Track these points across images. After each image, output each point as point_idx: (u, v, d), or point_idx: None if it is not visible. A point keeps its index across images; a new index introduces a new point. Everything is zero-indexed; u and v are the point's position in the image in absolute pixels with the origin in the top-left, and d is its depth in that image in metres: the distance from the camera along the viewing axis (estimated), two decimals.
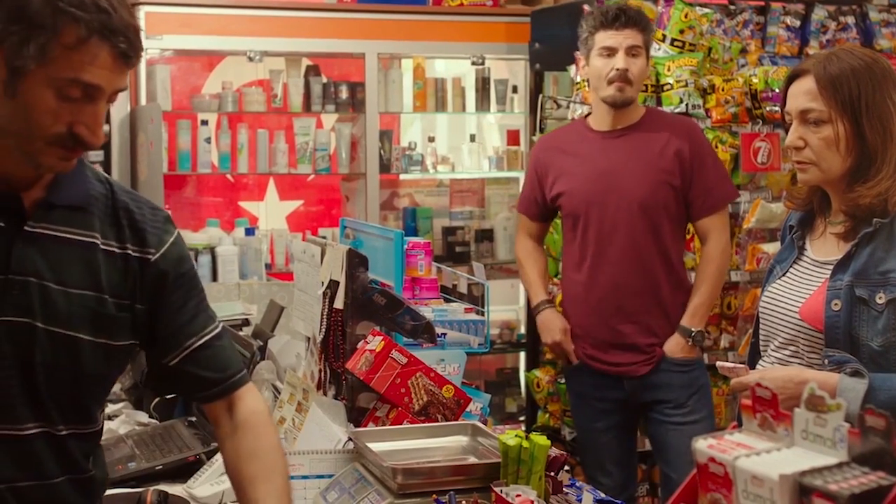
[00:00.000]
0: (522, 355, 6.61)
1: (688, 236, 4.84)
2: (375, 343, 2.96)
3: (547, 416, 5.55)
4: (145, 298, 2.26)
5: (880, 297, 2.68)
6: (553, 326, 4.60)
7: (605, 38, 4.39)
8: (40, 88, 1.98)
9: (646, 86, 5.00)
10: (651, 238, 4.41)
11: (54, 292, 2.13)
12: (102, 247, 2.20)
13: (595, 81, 4.46)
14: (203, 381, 2.36)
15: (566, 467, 2.61)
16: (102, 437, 2.37)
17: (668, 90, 5.02)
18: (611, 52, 4.37)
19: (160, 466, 3.12)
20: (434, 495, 2.44)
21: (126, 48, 2.01)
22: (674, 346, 4.42)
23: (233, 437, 2.36)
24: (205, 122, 6.31)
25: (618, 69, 4.34)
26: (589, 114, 4.67)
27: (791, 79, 2.87)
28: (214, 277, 5.95)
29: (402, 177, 6.82)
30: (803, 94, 2.80)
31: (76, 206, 2.18)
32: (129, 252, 2.23)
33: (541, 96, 5.81)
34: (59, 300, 2.14)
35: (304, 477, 2.75)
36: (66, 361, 2.16)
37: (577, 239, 4.52)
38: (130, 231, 2.24)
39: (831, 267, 2.79)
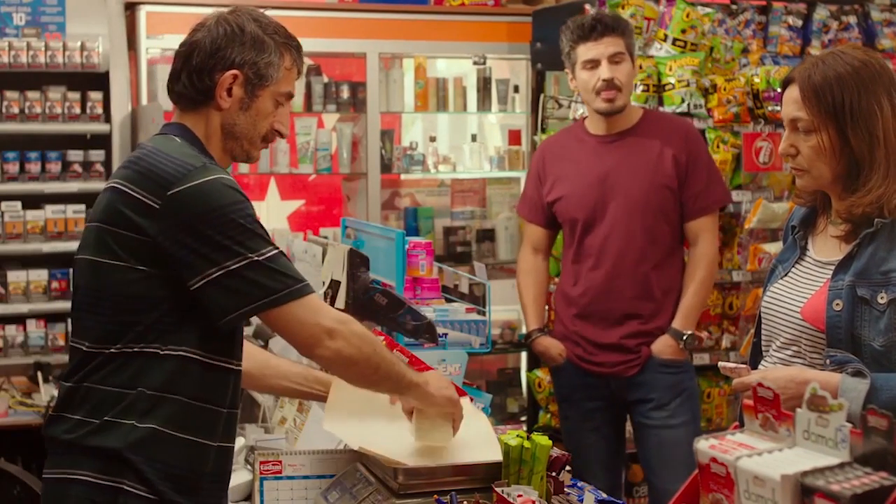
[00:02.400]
0: (524, 355, 6.59)
1: None
2: None
3: (548, 416, 5.54)
4: None
5: (882, 297, 2.67)
6: (552, 353, 4.65)
7: (585, 51, 4.41)
8: (266, 101, 2.67)
9: (647, 85, 5.00)
10: (647, 242, 4.43)
11: None
12: None
13: (584, 94, 4.49)
14: None
15: (567, 467, 2.61)
16: None
17: (669, 90, 5.01)
18: (594, 64, 4.39)
19: None
20: (435, 495, 2.43)
21: (302, 64, 2.79)
22: (663, 346, 4.44)
23: None
24: None
25: (604, 80, 4.36)
26: (587, 116, 4.68)
27: (784, 84, 2.87)
28: None
29: (403, 177, 6.82)
30: (792, 102, 2.81)
31: None
32: None
33: (542, 96, 5.81)
34: None
35: (306, 477, 2.75)
36: None
37: (573, 244, 4.56)
38: None
39: (833, 267, 2.79)
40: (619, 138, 4.49)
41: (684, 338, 4.42)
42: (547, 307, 4.99)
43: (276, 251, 2.50)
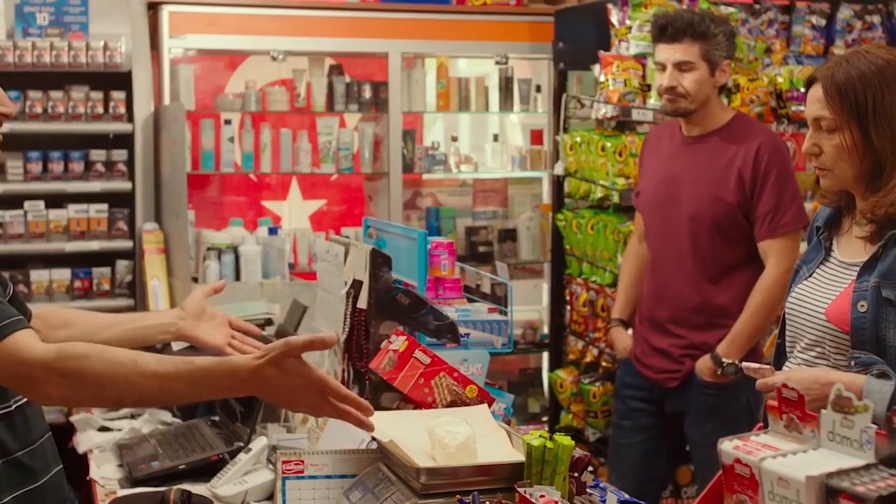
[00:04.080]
0: (545, 355, 6.60)
1: None
2: (399, 343, 2.95)
3: (570, 416, 5.54)
4: None
5: None
6: (619, 346, 4.63)
7: (658, 52, 4.31)
8: None
9: None
10: (697, 255, 4.29)
11: None
12: None
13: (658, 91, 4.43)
14: None
15: (590, 468, 2.60)
16: (126, 436, 2.42)
17: (736, 93, 4.99)
18: (663, 66, 4.28)
19: (183, 466, 3.12)
20: (458, 495, 2.43)
21: None
22: (702, 366, 4.30)
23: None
24: (228, 122, 6.32)
25: (664, 86, 4.26)
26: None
27: (808, 84, 2.86)
28: (237, 277, 5.95)
29: (425, 176, 6.82)
30: (816, 101, 2.80)
31: None
32: None
33: (564, 96, 5.80)
34: None
35: (328, 477, 2.74)
36: None
37: (646, 241, 4.53)
38: None
39: (858, 268, 2.77)
40: (697, 141, 4.34)
41: (723, 365, 4.10)
42: None
43: None
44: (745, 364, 2.75)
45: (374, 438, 2.75)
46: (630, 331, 4.64)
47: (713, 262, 4.29)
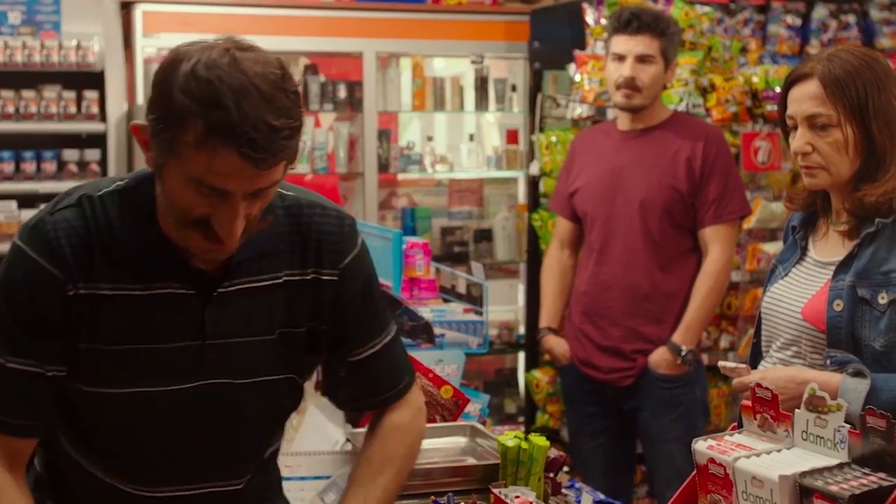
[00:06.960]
0: (521, 356, 6.59)
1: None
2: None
3: (546, 416, 5.53)
4: (328, 317, 2.25)
5: (882, 298, 2.66)
6: (558, 352, 4.60)
7: (617, 43, 4.33)
8: (174, 177, 1.94)
9: None
10: (649, 242, 4.34)
11: (246, 345, 2.16)
12: (286, 279, 2.18)
13: (608, 85, 4.44)
14: (366, 391, 2.36)
15: (565, 468, 2.60)
16: None
17: (668, 89, 5.00)
18: (621, 58, 4.30)
19: None
20: (432, 496, 2.43)
21: (248, 150, 1.86)
22: (659, 359, 4.33)
23: (368, 442, 2.35)
24: None
25: (624, 77, 4.28)
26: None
27: (792, 82, 2.83)
28: None
29: (400, 176, 6.81)
30: (808, 98, 2.76)
31: (261, 253, 2.15)
32: (315, 276, 2.22)
33: (540, 95, 5.79)
34: (251, 351, 2.16)
35: (302, 478, 2.74)
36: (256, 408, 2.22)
37: (586, 238, 4.52)
38: (316, 254, 2.22)
39: (833, 267, 2.77)
40: (640, 135, 4.40)
41: (682, 353, 4.30)
42: None
43: None
44: (721, 363, 2.75)
45: (348, 440, 2.75)
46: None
47: (663, 249, 4.36)
